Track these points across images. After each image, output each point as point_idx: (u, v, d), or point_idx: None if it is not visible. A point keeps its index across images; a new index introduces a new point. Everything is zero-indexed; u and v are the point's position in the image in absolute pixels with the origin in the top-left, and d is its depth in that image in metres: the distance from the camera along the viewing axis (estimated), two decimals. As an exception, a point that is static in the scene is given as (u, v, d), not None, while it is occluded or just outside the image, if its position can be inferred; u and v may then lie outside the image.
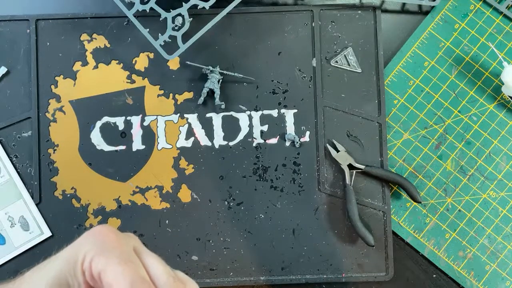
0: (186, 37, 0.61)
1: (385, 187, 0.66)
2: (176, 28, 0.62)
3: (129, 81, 0.67)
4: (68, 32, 0.67)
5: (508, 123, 0.67)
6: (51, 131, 0.67)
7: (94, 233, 0.35)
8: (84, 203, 0.66)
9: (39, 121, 0.67)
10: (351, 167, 0.66)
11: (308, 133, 0.67)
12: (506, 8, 0.68)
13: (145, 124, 0.67)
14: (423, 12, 0.69)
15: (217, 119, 0.67)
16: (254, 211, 0.66)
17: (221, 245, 0.66)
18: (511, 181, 0.67)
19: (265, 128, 0.67)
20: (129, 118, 0.67)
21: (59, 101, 0.67)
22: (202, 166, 0.67)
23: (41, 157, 0.66)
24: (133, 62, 0.67)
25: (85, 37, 0.67)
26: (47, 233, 0.66)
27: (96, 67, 0.67)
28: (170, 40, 0.62)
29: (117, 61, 0.67)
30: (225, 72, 0.66)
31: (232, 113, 0.67)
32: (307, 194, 0.67)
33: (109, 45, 0.67)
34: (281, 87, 0.67)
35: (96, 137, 0.67)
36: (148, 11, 0.61)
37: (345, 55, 0.67)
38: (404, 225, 0.67)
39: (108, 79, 0.67)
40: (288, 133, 0.67)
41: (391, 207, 0.67)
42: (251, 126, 0.67)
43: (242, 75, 0.66)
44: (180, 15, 0.61)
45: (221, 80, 0.66)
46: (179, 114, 0.67)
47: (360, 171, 0.66)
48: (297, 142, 0.66)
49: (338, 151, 0.66)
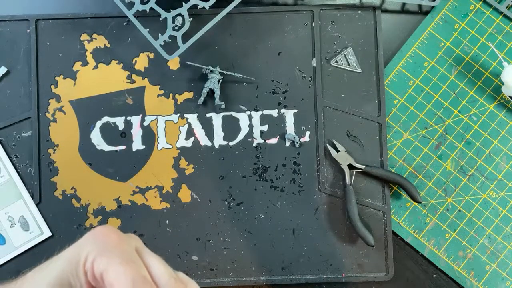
0: (186, 37, 0.61)
1: (385, 187, 0.66)
2: (176, 28, 0.62)
3: (129, 81, 0.67)
4: (68, 32, 0.67)
5: (508, 123, 0.68)
6: (51, 131, 0.67)
7: (96, 234, 0.35)
8: (84, 203, 0.66)
9: (39, 121, 0.66)
10: (351, 167, 0.66)
11: (308, 133, 0.67)
12: (506, 8, 0.68)
13: (145, 124, 0.67)
14: (423, 12, 0.69)
15: (217, 119, 0.67)
16: (254, 211, 0.66)
17: (221, 245, 0.66)
18: (511, 181, 0.67)
19: (265, 128, 0.67)
20: (129, 118, 0.67)
21: (59, 101, 0.67)
22: (202, 166, 0.67)
23: (41, 157, 0.66)
24: (133, 62, 0.67)
25: (85, 37, 0.67)
26: (47, 233, 0.66)
27: (96, 67, 0.67)
28: (170, 40, 0.62)
29: (117, 61, 0.67)
30: (225, 72, 0.66)
31: (232, 113, 0.67)
32: (307, 194, 0.67)
33: (109, 45, 0.67)
34: (281, 87, 0.67)
35: (96, 137, 0.67)
36: (148, 11, 0.61)
37: (345, 55, 0.67)
38: (404, 225, 0.67)
39: (108, 79, 0.67)
40: (288, 133, 0.67)
41: (391, 207, 0.67)
42: (251, 126, 0.67)
43: (242, 75, 0.66)
44: (180, 15, 0.61)
45: (221, 80, 0.66)
46: (179, 114, 0.67)
47: (360, 171, 0.66)
48: (297, 142, 0.66)
49: (338, 151, 0.66)
